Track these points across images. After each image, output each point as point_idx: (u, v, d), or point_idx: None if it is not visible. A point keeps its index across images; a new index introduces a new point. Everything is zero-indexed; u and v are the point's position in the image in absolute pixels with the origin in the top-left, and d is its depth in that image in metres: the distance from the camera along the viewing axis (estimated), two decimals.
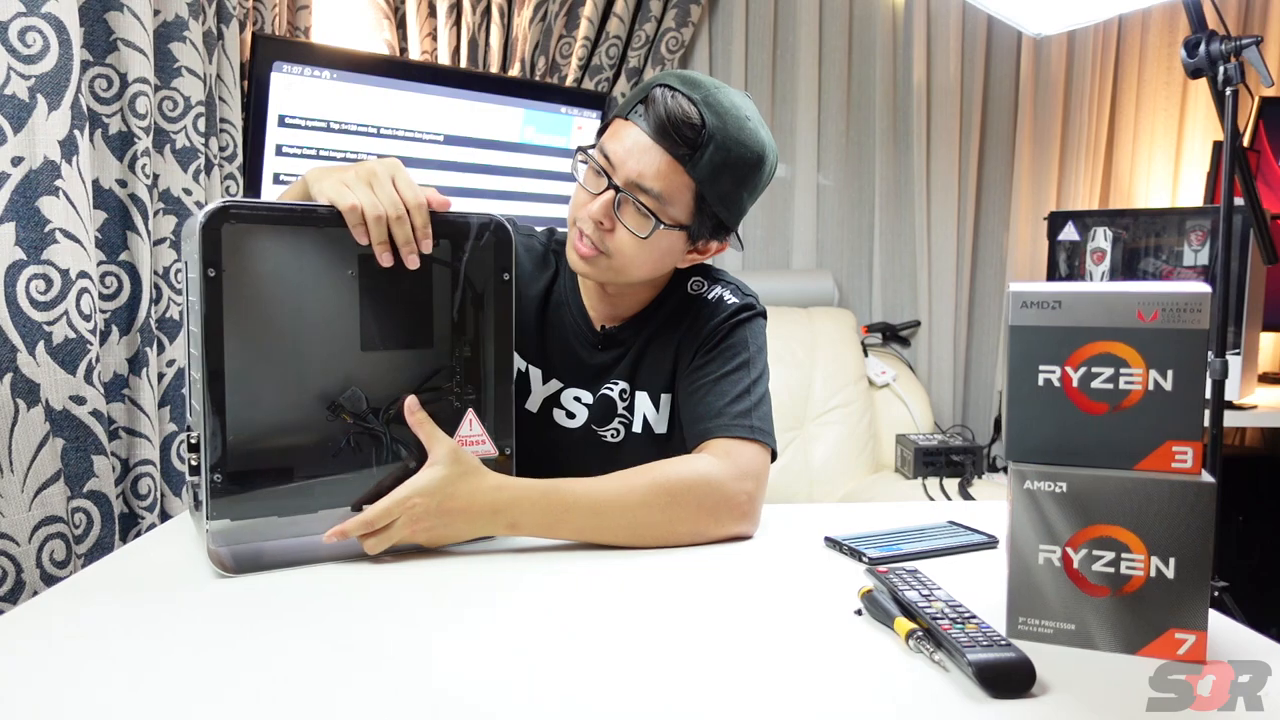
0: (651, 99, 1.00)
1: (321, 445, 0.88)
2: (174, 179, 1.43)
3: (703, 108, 0.98)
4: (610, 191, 1.01)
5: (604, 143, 1.03)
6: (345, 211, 0.84)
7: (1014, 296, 0.71)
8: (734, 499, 0.97)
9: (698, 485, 0.95)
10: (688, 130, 0.98)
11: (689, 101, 0.98)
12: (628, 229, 1.02)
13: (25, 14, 1.10)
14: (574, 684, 0.64)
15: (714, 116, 0.99)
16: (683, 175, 1.00)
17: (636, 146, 1.00)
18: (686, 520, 0.95)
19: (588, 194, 1.03)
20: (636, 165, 0.99)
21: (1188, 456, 0.69)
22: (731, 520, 0.97)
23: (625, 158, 1.00)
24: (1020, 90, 2.72)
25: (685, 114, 0.98)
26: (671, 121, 0.98)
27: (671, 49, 2.47)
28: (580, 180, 1.04)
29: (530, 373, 1.14)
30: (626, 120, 1.02)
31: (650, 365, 1.13)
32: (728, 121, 0.99)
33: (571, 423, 1.15)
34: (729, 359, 1.09)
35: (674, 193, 1.00)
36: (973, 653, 0.64)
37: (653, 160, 0.99)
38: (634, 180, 1.00)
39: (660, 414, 1.14)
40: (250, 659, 0.67)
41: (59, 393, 1.15)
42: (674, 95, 0.99)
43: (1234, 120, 1.51)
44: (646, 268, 1.06)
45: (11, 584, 1.10)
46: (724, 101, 1.00)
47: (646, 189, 1.00)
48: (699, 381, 1.08)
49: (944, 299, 2.72)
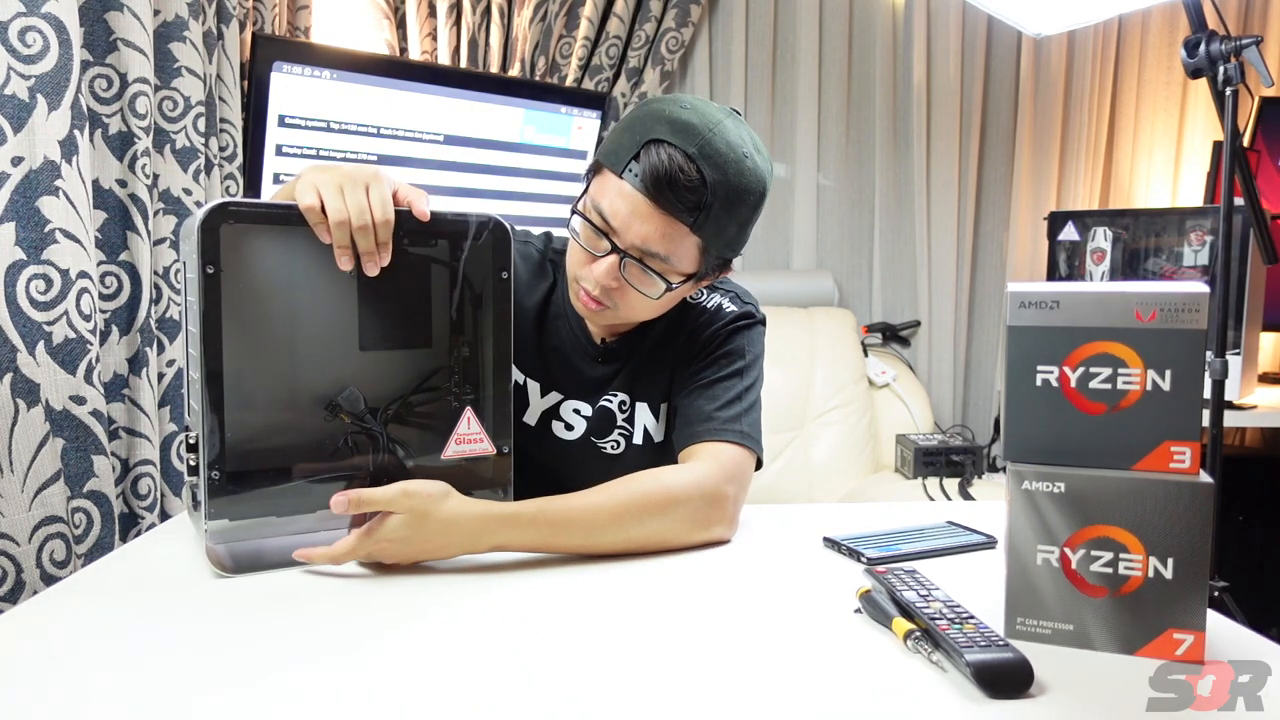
0: (647, 156, 0.93)
1: (320, 445, 0.88)
2: (174, 179, 1.43)
3: (701, 163, 0.93)
4: (614, 256, 0.97)
5: (598, 200, 0.97)
6: (303, 211, 0.83)
7: (1012, 297, 0.71)
8: (721, 506, 0.97)
9: (688, 495, 0.95)
10: (689, 194, 0.93)
11: (685, 159, 0.92)
12: (635, 288, 0.99)
13: (25, 14, 1.10)
14: (573, 684, 0.64)
15: (713, 170, 0.93)
16: (687, 235, 0.96)
17: (636, 213, 0.94)
18: (676, 530, 0.94)
19: (588, 254, 0.99)
20: (640, 232, 0.95)
21: (1186, 457, 0.69)
22: (717, 526, 0.97)
23: (626, 223, 0.95)
24: (1020, 90, 2.72)
25: (684, 176, 0.92)
26: (671, 185, 0.92)
27: (671, 49, 2.47)
28: (579, 238, 1.00)
29: (528, 386, 1.13)
30: (620, 177, 0.95)
31: (650, 375, 1.13)
32: (728, 171, 0.94)
33: (569, 434, 1.14)
34: (724, 365, 1.09)
35: (680, 253, 0.97)
36: (971, 653, 0.64)
37: (655, 226, 0.94)
38: (638, 246, 0.96)
39: (660, 423, 1.13)
40: (249, 659, 0.67)
41: (59, 393, 1.16)
42: (668, 153, 0.92)
43: (1234, 120, 1.51)
44: (655, 312, 1.05)
45: (11, 584, 1.10)
46: (720, 147, 0.94)
47: (653, 253, 0.96)
48: (693, 386, 1.08)
49: (944, 299, 2.72)
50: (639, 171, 0.93)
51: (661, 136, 0.93)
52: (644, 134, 0.94)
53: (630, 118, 0.99)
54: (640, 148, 0.94)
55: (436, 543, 0.87)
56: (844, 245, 2.75)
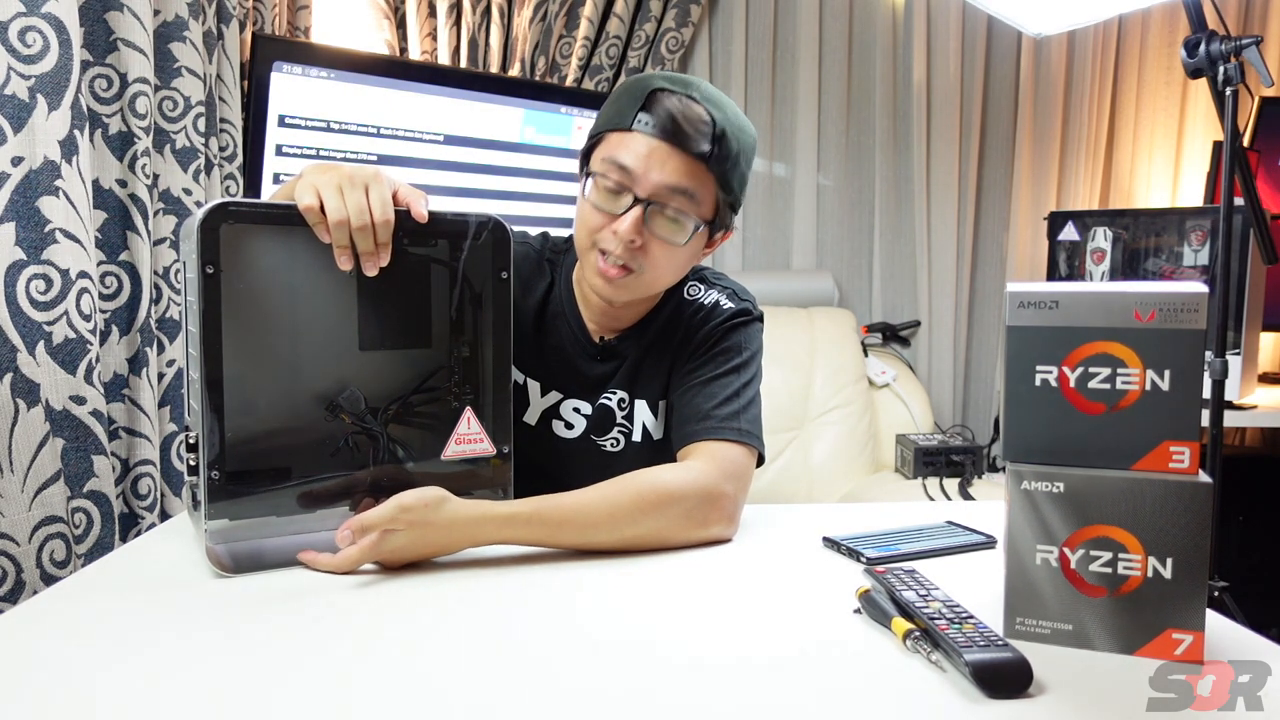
0: (654, 104, 0.99)
1: (319, 445, 0.88)
2: (174, 179, 1.43)
3: (705, 103, 1.00)
4: (638, 207, 0.99)
5: (613, 154, 1.00)
6: (303, 211, 0.83)
7: (1011, 297, 0.71)
8: (719, 504, 0.97)
9: (683, 494, 0.94)
10: (702, 127, 0.99)
11: (690, 100, 0.99)
12: (661, 239, 1.01)
13: (25, 14, 1.11)
14: (572, 683, 0.64)
15: (716, 109, 1.00)
16: (705, 172, 1.00)
17: (654, 156, 0.99)
18: (672, 529, 0.94)
19: (606, 215, 1.01)
20: (661, 172, 0.99)
21: (1185, 456, 0.69)
22: (716, 525, 0.97)
23: (647, 168, 0.99)
24: (1020, 90, 2.72)
25: (696, 113, 0.99)
26: (689, 122, 0.98)
27: (671, 49, 2.47)
28: (593, 202, 1.01)
29: (529, 385, 1.13)
30: (629, 131, 1.00)
31: (648, 372, 1.13)
32: (727, 110, 1.01)
33: (569, 433, 1.14)
34: (722, 362, 1.09)
35: (702, 190, 1.01)
36: (970, 653, 0.64)
37: (677, 164, 0.99)
38: (662, 186, 0.99)
39: (659, 420, 1.14)
40: (249, 658, 0.67)
41: (59, 393, 1.16)
42: (676, 97, 0.99)
43: (1234, 120, 1.51)
44: (675, 275, 1.08)
45: (11, 584, 1.10)
46: (711, 92, 1.02)
47: (680, 189, 0.99)
48: (690, 383, 1.08)
49: (944, 299, 2.72)
50: (649, 120, 0.99)
51: (662, 86, 1.00)
52: (641, 90, 1.01)
53: (619, 89, 1.05)
54: (644, 99, 0.99)
55: (438, 546, 0.88)
56: (844, 245, 2.75)
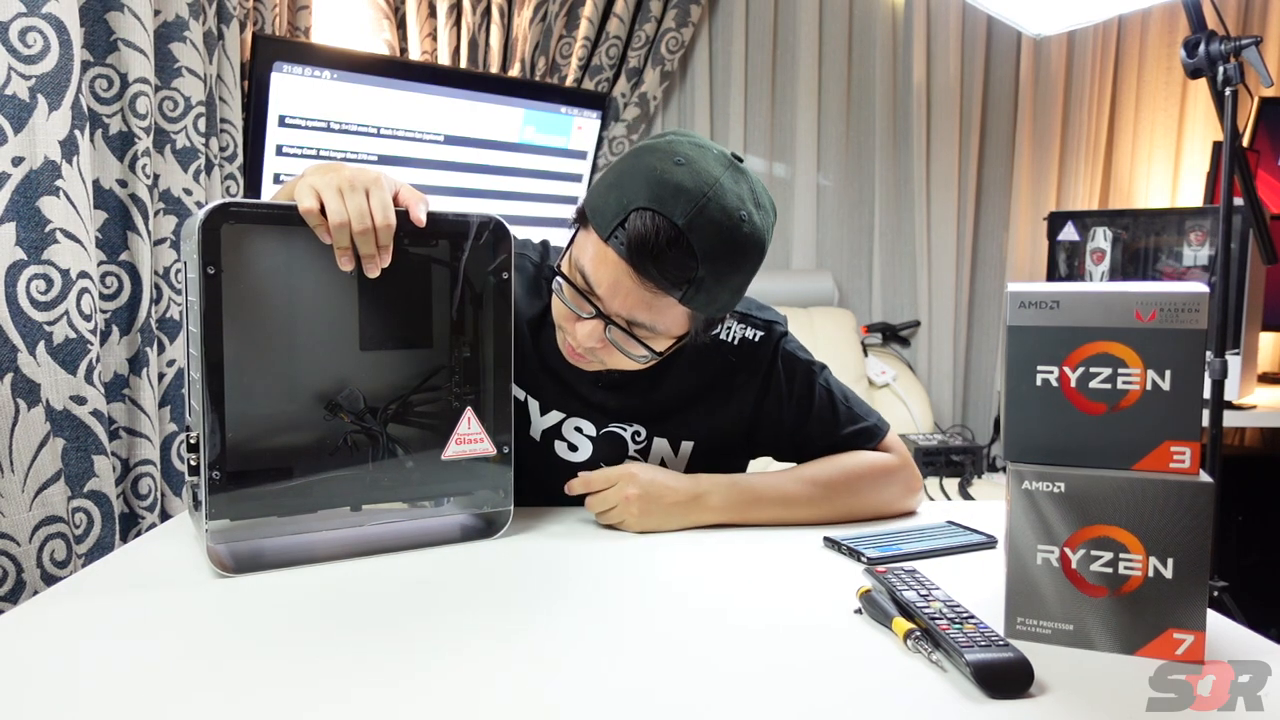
0: (630, 226, 0.86)
1: (320, 444, 0.88)
2: (174, 179, 1.43)
3: (691, 236, 0.86)
4: (599, 320, 0.92)
5: (581, 261, 0.91)
6: (303, 213, 0.82)
7: (1012, 297, 0.71)
8: (918, 477, 1.10)
9: (899, 468, 1.07)
10: (676, 270, 0.87)
11: (673, 231, 0.85)
12: (624, 352, 0.94)
13: (25, 14, 1.11)
14: (573, 681, 0.64)
15: (705, 241, 0.86)
16: (674, 305, 0.91)
17: (620, 284, 0.89)
18: (896, 498, 1.07)
19: (572, 313, 0.94)
20: (625, 304, 0.90)
21: (1185, 456, 0.69)
22: (918, 493, 1.10)
23: (611, 292, 0.90)
24: (1020, 90, 2.73)
25: (672, 251, 0.86)
26: (657, 260, 0.86)
27: (671, 49, 2.47)
28: (562, 295, 0.94)
29: (529, 404, 1.09)
30: (605, 242, 0.89)
31: (672, 413, 1.08)
32: (722, 240, 0.88)
33: (574, 456, 1.09)
34: (804, 395, 1.08)
35: (667, 321, 0.92)
36: (971, 653, 0.64)
37: (641, 298, 0.90)
38: (623, 315, 0.91)
39: (679, 458, 1.10)
40: (249, 658, 0.67)
41: (59, 393, 1.16)
42: (655, 224, 0.85)
43: (1234, 120, 1.51)
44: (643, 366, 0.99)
45: (11, 584, 1.10)
46: (715, 215, 0.87)
47: (638, 323, 0.92)
48: (799, 436, 1.09)
49: (944, 299, 2.72)
50: (624, 240, 0.87)
51: (648, 205, 0.86)
52: (631, 197, 0.87)
53: (619, 171, 0.91)
54: (626, 214, 0.87)
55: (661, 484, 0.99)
56: (844, 245, 2.75)
